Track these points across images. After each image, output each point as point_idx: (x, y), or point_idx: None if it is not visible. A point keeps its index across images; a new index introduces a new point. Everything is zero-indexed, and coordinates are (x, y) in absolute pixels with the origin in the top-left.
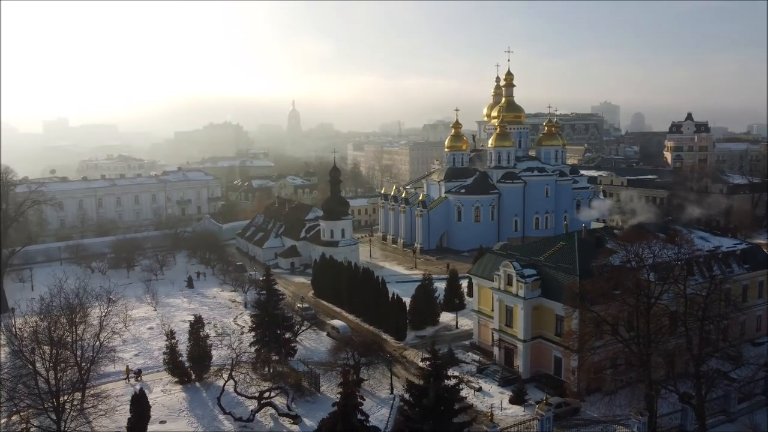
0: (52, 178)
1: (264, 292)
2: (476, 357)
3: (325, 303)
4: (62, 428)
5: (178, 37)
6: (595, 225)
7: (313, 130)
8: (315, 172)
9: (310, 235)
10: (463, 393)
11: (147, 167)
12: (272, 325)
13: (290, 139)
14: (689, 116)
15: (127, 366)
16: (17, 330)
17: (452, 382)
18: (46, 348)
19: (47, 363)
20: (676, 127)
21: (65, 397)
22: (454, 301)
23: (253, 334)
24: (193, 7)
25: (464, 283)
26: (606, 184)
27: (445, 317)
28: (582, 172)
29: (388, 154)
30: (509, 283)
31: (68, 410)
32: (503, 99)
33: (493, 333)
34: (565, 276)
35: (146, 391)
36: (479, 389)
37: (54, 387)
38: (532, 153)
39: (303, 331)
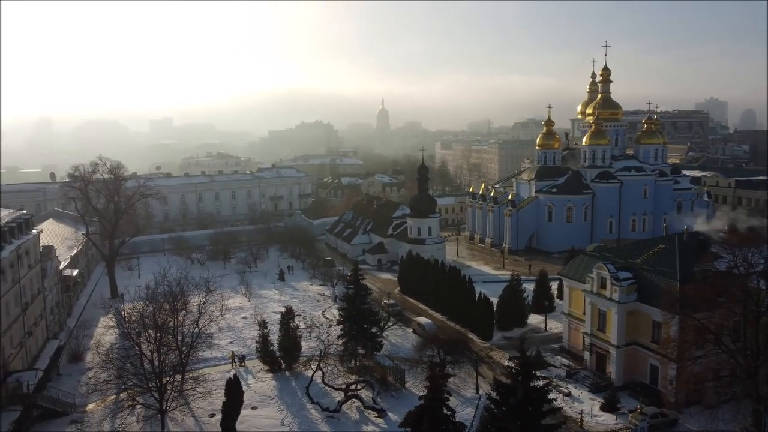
0: (157, 174)
1: (352, 286)
2: (566, 361)
3: (411, 300)
4: (164, 407)
5: (274, 38)
6: (699, 227)
7: (401, 128)
8: (403, 171)
9: (398, 232)
10: (551, 396)
11: (243, 164)
12: (359, 319)
13: (379, 137)
14: None
15: (233, 352)
16: (126, 314)
17: (541, 382)
18: (151, 332)
19: (152, 346)
20: None
21: (167, 379)
22: (544, 303)
23: (340, 327)
24: (289, 7)
25: (554, 285)
26: (711, 185)
27: (534, 319)
28: (684, 172)
29: (476, 152)
30: (603, 285)
31: (169, 391)
32: (599, 95)
33: (584, 337)
34: (664, 280)
35: (240, 378)
36: (569, 394)
37: (157, 368)
38: (630, 152)
39: (389, 326)
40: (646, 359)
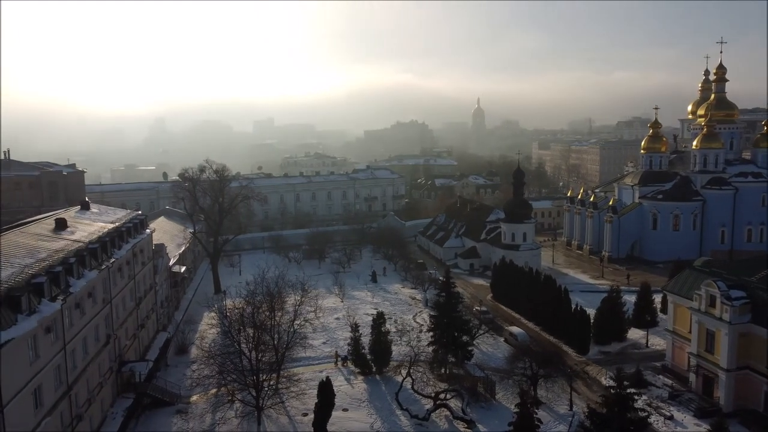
0: (259, 174)
1: (443, 294)
2: (668, 381)
3: (503, 307)
4: (260, 404)
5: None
6: None
7: (497, 127)
8: (497, 172)
9: (491, 236)
10: (651, 419)
11: (339, 164)
12: (450, 327)
13: (474, 136)
14: None
15: (336, 351)
16: (227, 312)
17: (639, 414)
18: (250, 330)
19: (250, 344)
20: None
21: (264, 377)
22: (645, 318)
23: (431, 334)
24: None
25: (657, 298)
26: None
27: (634, 334)
28: None
29: (576, 153)
30: (712, 304)
31: (266, 389)
32: (712, 95)
33: (689, 357)
34: None
35: (331, 380)
36: (670, 417)
37: (255, 366)
38: (747, 156)
39: (480, 335)
40: (761, 386)
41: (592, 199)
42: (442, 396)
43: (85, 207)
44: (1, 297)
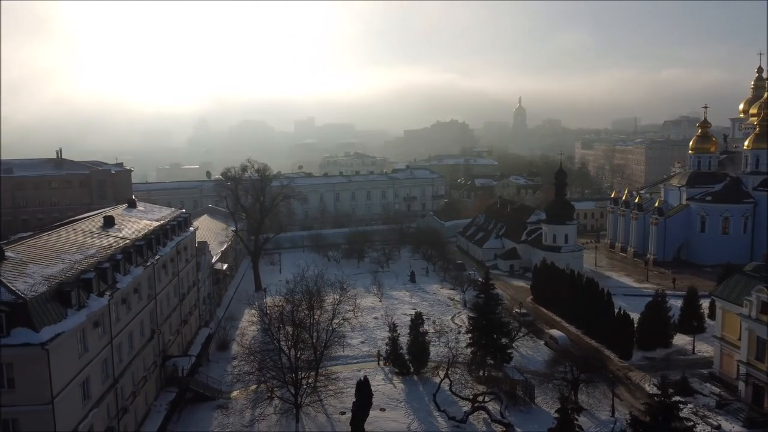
0: (299, 174)
1: (482, 295)
2: (716, 390)
3: (543, 310)
4: (299, 401)
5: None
6: None
7: (539, 126)
8: (539, 172)
9: (531, 238)
10: (697, 429)
11: (378, 164)
12: (489, 329)
13: (515, 136)
14: None
15: (378, 351)
16: (267, 309)
17: (685, 423)
18: (289, 328)
19: (289, 342)
20: None
21: (302, 375)
22: (692, 323)
23: (469, 335)
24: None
25: (705, 304)
26: None
27: (680, 340)
28: None
29: (620, 153)
30: (763, 311)
31: (304, 386)
32: (765, 93)
33: (738, 365)
34: None
35: (369, 379)
36: (718, 427)
37: (294, 364)
38: None
39: (520, 337)
40: None
41: (636, 200)
42: (480, 398)
43: (132, 205)
44: (53, 292)
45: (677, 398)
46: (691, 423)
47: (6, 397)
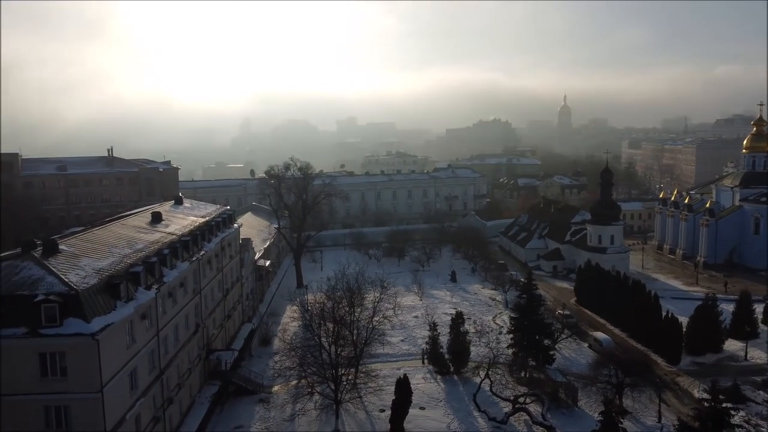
0: (341, 172)
1: (525, 295)
2: None
3: (587, 312)
4: (338, 398)
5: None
6: None
7: (584, 126)
8: (584, 172)
9: (576, 239)
10: None
11: (420, 163)
12: (531, 330)
13: (559, 135)
14: None
15: (422, 349)
16: (309, 306)
17: (736, 431)
18: (330, 325)
19: (330, 338)
20: None
21: (342, 371)
22: (745, 328)
23: (511, 336)
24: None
25: (759, 308)
26: None
27: (731, 345)
28: None
29: (669, 152)
30: None
31: (344, 383)
32: None
33: None
34: None
35: (409, 377)
36: None
37: (334, 360)
38: None
39: (563, 339)
40: None
41: (686, 201)
42: (521, 400)
43: (179, 202)
44: (103, 284)
45: (728, 405)
46: (743, 431)
47: (59, 385)
